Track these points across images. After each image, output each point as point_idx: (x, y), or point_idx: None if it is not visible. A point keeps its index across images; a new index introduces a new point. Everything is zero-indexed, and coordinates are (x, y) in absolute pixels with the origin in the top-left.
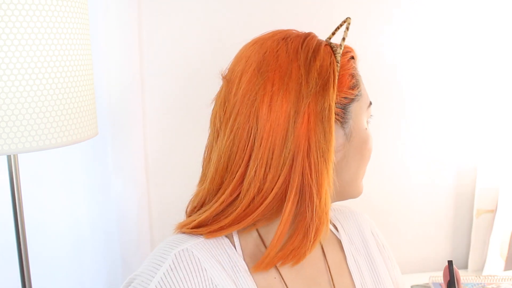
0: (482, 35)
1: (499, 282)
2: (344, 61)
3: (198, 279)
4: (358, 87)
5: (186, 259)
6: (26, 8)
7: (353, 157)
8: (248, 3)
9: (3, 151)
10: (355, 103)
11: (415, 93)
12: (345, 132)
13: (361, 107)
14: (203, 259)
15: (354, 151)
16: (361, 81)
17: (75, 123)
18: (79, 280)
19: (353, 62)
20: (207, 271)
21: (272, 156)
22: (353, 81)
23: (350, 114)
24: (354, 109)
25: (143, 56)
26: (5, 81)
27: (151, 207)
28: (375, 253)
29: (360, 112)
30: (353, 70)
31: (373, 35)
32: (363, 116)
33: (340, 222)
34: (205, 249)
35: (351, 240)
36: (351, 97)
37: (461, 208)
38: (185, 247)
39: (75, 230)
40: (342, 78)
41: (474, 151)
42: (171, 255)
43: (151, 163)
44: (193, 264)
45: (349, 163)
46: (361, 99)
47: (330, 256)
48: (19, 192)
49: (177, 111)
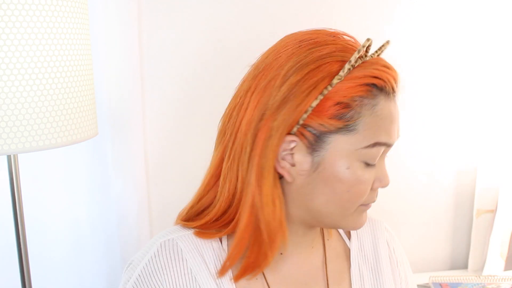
0: (482, 35)
1: (499, 282)
2: (342, 85)
3: (177, 268)
4: (349, 120)
5: (169, 248)
6: (26, 8)
7: (321, 189)
8: (248, 3)
9: (3, 151)
10: (338, 135)
11: (415, 93)
12: (313, 160)
13: (350, 143)
14: (186, 251)
15: (322, 184)
16: (366, 115)
17: (75, 123)
18: (79, 280)
19: (356, 89)
20: (187, 261)
21: (239, 157)
22: (342, 111)
23: (326, 145)
24: (335, 141)
25: (143, 56)
26: (5, 81)
27: (151, 207)
28: (384, 265)
29: (345, 148)
30: (346, 99)
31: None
32: (352, 153)
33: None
34: (191, 242)
35: (362, 248)
36: (330, 127)
37: (461, 208)
38: (171, 238)
39: (75, 230)
40: (325, 102)
41: (474, 151)
42: (157, 244)
43: (151, 163)
44: (175, 254)
45: (315, 193)
46: (351, 135)
47: (332, 264)
48: (19, 192)
49: (177, 111)
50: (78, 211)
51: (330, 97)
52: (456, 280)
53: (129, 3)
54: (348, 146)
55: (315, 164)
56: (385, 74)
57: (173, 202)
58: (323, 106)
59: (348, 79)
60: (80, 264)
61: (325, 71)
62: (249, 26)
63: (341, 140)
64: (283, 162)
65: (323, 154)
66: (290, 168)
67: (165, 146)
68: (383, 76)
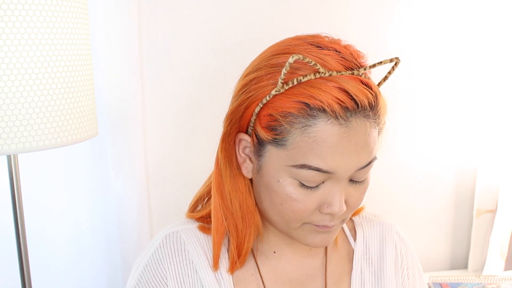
0: (482, 34)
1: (499, 282)
2: (278, 98)
3: (180, 258)
4: (279, 134)
5: (173, 240)
6: (26, 8)
7: (263, 194)
8: (248, 4)
9: (3, 151)
10: (271, 146)
11: (415, 93)
12: (258, 163)
13: (280, 157)
14: (188, 243)
15: (263, 188)
16: (297, 134)
17: (75, 123)
18: (79, 280)
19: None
20: (189, 253)
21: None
22: (272, 123)
23: (265, 153)
24: (270, 151)
25: (143, 56)
26: (5, 81)
27: (151, 207)
28: (388, 269)
29: (277, 161)
30: (277, 112)
31: (374, 35)
32: (282, 168)
33: (363, 230)
34: (193, 235)
35: (367, 251)
36: (264, 136)
37: (461, 208)
38: (175, 230)
39: (75, 230)
40: (263, 110)
41: (474, 151)
42: (162, 236)
43: (151, 163)
44: (178, 245)
45: (261, 196)
46: (281, 150)
47: (333, 266)
48: (19, 192)
49: (177, 111)
50: (78, 211)
51: (267, 107)
52: (456, 280)
53: (129, 3)
54: (279, 159)
55: (259, 167)
56: (325, 95)
57: (173, 202)
58: (261, 114)
59: (287, 93)
60: (80, 264)
61: (272, 79)
62: (249, 26)
63: (273, 151)
64: (241, 157)
65: (263, 160)
66: (248, 164)
67: (165, 146)
68: (321, 97)
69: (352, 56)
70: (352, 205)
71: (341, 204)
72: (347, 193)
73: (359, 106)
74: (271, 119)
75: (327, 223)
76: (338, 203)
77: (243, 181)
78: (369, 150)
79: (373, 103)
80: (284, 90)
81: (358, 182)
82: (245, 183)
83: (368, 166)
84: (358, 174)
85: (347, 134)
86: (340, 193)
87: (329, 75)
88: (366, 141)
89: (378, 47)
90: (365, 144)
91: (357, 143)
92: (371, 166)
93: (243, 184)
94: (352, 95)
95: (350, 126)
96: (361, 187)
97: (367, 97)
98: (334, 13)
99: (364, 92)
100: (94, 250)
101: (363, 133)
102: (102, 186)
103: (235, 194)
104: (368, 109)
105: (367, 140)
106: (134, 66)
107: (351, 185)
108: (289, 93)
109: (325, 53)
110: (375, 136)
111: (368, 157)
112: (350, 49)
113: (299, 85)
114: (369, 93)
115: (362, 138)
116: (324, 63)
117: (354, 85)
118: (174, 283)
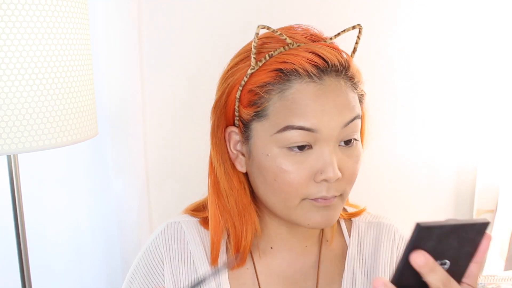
0: (481, 34)
1: (499, 282)
2: (255, 75)
3: (179, 246)
4: (260, 106)
5: (173, 229)
6: (26, 8)
7: (258, 178)
8: (249, 3)
9: (3, 151)
10: (255, 122)
11: (414, 92)
12: (248, 148)
13: (264, 129)
14: (188, 233)
15: (257, 172)
16: (275, 100)
17: (75, 123)
18: (79, 280)
19: (264, 76)
20: (188, 243)
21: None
22: (252, 98)
23: (251, 133)
24: (255, 129)
25: (143, 56)
26: (5, 81)
27: (151, 207)
28: (381, 270)
29: (263, 135)
30: (255, 86)
31: (374, 35)
32: (268, 140)
33: (359, 230)
34: (194, 227)
35: (361, 251)
36: (248, 115)
37: (461, 208)
38: (177, 220)
39: (75, 230)
40: (243, 92)
41: (474, 150)
42: (164, 224)
43: (151, 163)
44: (178, 234)
45: (256, 182)
46: (264, 121)
47: (326, 265)
48: (19, 192)
49: (177, 111)
50: (78, 211)
51: (246, 87)
52: None
53: (129, 3)
54: (264, 132)
55: (249, 152)
56: (297, 58)
57: (173, 202)
58: (242, 96)
59: (261, 68)
60: (80, 264)
61: (247, 62)
62: (249, 26)
63: (258, 127)
64: (233, 153)
65: (252, 142)
66: (241, 159)
67: (165, 146)
68: (292, 60)
69: (319, 34)
70: (347, 174)
71: (334, 168)
72: (339, 159)
73: (329, 64)
74: (250, 94)
75: (324, 194)
76: (330, 168)
77: (238, 178)
78: (349, 107)
79: (343, 63)
80: (259, 67)
81: (348, 146)
82: (239, 180)
83: (353, 123)
84: (344, 133)
85: (323, 91)
86: (330, 157)
87: (298, 45)
88: (345, 98)
89: (378, 47)
90: (344, 101)
91: (335, 100)
92: (356, 124)
93: (237, 181)
94: (321, 55)
95: (324, 83)
96: (353, 155)
97: (337, 57)
98: (334, 13)
99: (333, 53)
100: (94, 250)
101: (340, 91)
102: (102, 186)
103: (231, 191)
104: (340, 68)
105: (345, 97)
106: (134, 66)
107: (342, 151)
108: (263, 67)
109: (294, 31)
110: (354, 97)
111: (350, 113)
112: (315, 31)
113: (272, 58)
114: (338, 55)
115: (340, 95)
116: (292, 37)
117: (323, 47)
118: (171, 268)
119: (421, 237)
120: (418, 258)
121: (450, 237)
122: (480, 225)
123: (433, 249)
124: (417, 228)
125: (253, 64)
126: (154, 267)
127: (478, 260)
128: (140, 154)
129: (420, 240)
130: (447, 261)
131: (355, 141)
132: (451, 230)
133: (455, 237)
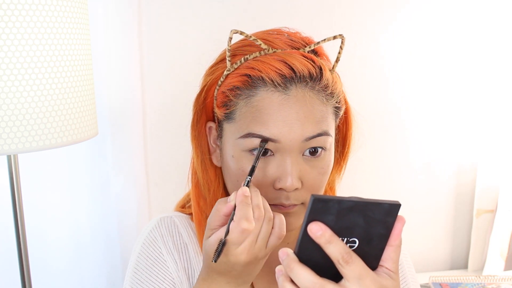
0: (481, 34)
1: (499, 282)
2: (229, 77)
3: (175, 238)
4: (229, 108)
5: (167, 222)
6: (26, 8)
7: (225, 173)
8: (249, 4)
9: (3, 151)
10: (225, 123)
11: (415, 92)
12: (220, 146)
13: (231, 131)
14: (181, 227)
15: (225, 169)
16: (242, 105)
17: (75, 123)
18: (79, 280)
19: (235, 79)
20: (182, 236)
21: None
22: (224, 100)
23: (223, 133)
24: (225, 130)
25: (143, 56)
26: (5, 81)
27: (151, 207)
28: None
29: (230, 136)
30: (226, 88)
31: (374, 35)
32: (234, 142)
33: None
34: (186, 222)
35: None
36: (220, 115)
37: (461, 208)
38: (169, 215)
39: (75, 230)
40: (218, 92)
41: (474, 150)
42: (156, 219)
43: (151, 163)
44: (172, 227)
45: (225, 176)
46: (232, 123)
47: None
48: (19, 192)
49: (177, 111)
50: (78, 211)
51: (221, 87)
52: (456, 280)
53: (129, 3)
54: (231, 134)
55: (221, 150)
56: (264, 65)
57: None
58: (218, 95)
59: (234, 71)
60: (80, 264)
61: (225, 63)
62: (249, 26)
63: (227, 128)
64: (212, 147)
65: (222, 140)
66: (218, 153)
67: (165, 146)
68: (260, 67)
69: (302, 40)
70: (308, 185)
71: (293, 178)
72: (301, 170)
73: (296, 75)
74: (223, 96)
75: (282, 201)
76: (289, 177)
77: (214, 171)
78: (314, 121)
79: (314, 74)
80: (234, 69)
81: (315, 157)
82: (215, 174)
83: (318, 139)
84: (309, 145)
85: (287, 101)
86: (290, 167)
87: (273, 52)
88: (310, 111)
89: (379, 47)
90: (308, 114)
91: (298, 112)
92: (323, 141)
93: (213, 174)
94: (290, 64)
95: (289, 93)
96: (318, 166)
97: (307, 67)
98: (334, 13)
99: (304, 62)
100: (94, 249)
101: (304, 103)
102: (102, 186)
103: (206, 183)
104: (308, 79)
105: (310, 110)
106: (134, 66)
107: (306, 161)
108: (236, 70)
109: (274, 36)
110: (323, 110)
111: (314, 128)
112: (302, 35)
113: (245, 63)
114: (310, 64)
115: (304, 107)
116: (270, 43)
117: (294, 57)
118: (171, 259)
119: (317, 209)
120: (314, 229)
121: (353, 214)
122: (389, 205)
123: (334, 223)
124: (311, 200)
125: (228, 66)
126: (156, 258)
127: (394, 243)
128: (140, 154)
129: (317, 212)
130: (356, 239)
131: (323, 151)
132: (353, 206)
133: (359, 215)
